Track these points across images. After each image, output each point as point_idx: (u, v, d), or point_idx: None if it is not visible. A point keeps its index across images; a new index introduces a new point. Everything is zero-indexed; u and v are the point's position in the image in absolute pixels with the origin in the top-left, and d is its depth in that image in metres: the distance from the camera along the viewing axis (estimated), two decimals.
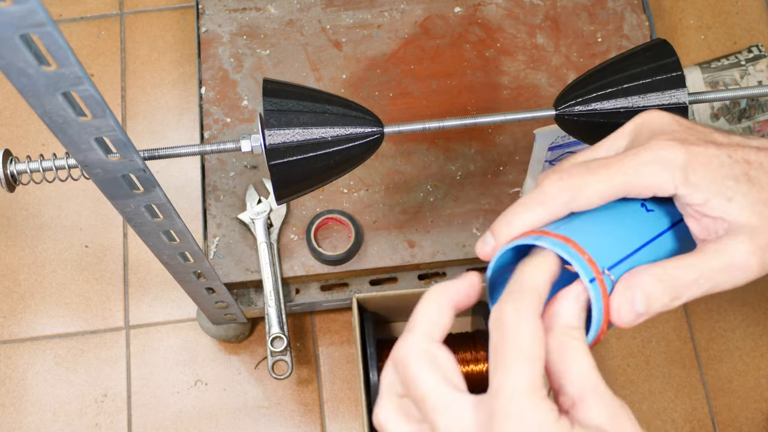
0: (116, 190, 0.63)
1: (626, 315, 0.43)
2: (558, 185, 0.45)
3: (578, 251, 0.43)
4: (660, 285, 0.43)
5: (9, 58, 0.44)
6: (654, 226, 0.48)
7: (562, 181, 0.45)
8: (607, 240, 0.45)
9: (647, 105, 0.67)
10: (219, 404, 1.10)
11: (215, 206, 1.02)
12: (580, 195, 0.45)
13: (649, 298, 0.43)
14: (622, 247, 0.45)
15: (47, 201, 1.19)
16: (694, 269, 0.44)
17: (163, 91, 1.25)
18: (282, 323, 0.97)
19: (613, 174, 0.45)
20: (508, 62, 1.08)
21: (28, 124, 1.23)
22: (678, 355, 1.12)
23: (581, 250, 0.43)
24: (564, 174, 0.46)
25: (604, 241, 0.45)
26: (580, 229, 0.45)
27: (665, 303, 0.44)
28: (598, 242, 0.44)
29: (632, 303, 0.43)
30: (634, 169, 0.45)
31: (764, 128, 1.15)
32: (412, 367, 0.41)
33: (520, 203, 0.46)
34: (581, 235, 0.44)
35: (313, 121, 0.67)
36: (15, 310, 1.14)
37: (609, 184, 0.45)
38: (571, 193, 0.45)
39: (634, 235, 0.46)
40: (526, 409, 0.38)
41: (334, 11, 1.10)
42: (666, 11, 1.30)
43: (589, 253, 0.43)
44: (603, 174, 0.45)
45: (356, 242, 0.99)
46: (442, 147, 1.04)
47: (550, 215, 0.45)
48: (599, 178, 0.45)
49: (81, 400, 1.10)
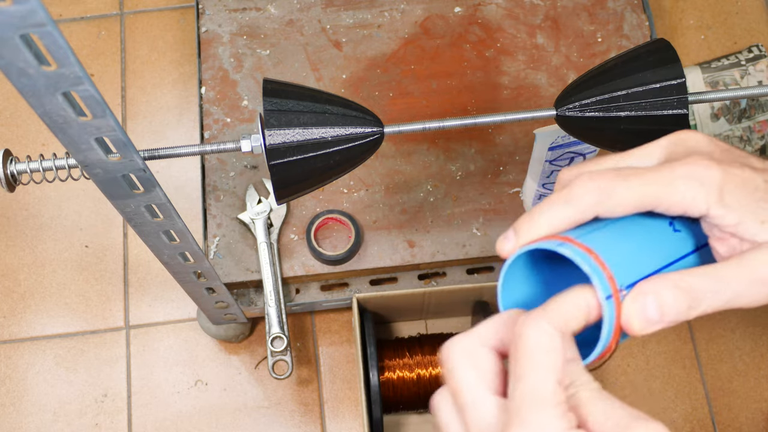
0: (116, 190, 0.63)
1: (637, 321, 0.42)
2: (587, 186, 0.44)
3: (599, 265, 0.42)
4: (676, 292, 0.42)
5: (9, 58, 0.44)
6: (679, 247, 0.46)
7: (592, 182, 0.44)
8: (629, 257, 0.44)
9: (647, 104, 0.67)
10: (219, 404, 1.10)
11: (215, 206, 1.02)
12: (609, 199, 0.44)
13: (663, 304, 0.41)
14: (643, 266, 0.44)
15: (47, 201, 1.19)
16: (713, 278, 0.43)
17: (163, 91, 1.25)
18: (282, 323, 0.97)
19: (646, 183, 0.44)
20: (508, 62, 1.08)
21: (28, 124, 1.23)
22: (678, 355, 1.12)
23: (602, 264, 0.42)
24: (595, 176, 0.44)
25: (626, 258, 0.43)
26: (604, 241, 0.43)
27: (680, 311, 0.42)
28: (620, 258, 0.43)
29: (644, 309, 0.41)
30: (669, 181, 0.44)
31: (764, 128, 1.15)
32: (453, 361, 0.42)
33: (547, 201, 0.45)
34: (604, 248, 0.43)
35: (313, 121, 0.67)
36: (15, 310, 1.14)
37: (641, 193, 0.44)
38: (600, 196, 0.44)
39: (658, 255, 0.45)
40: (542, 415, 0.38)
41: (334, 11, 1.10)
42: (666, 11, 1.30)
43: (609, 269, 0.42)
44: (635, 181, 0.44)
45: (356, 242, 0.99)
46: (442, 147, 1.04)
47: (576, 215, 0.44)
48: (631, 184, 0.44)
49: (81, 400, 1.10)
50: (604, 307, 0.41)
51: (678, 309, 0.42)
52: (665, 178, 0.44)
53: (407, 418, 1.07)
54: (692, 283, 0.42)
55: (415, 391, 1.00)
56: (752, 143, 1.15)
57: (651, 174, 0.44)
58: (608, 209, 0.44)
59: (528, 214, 0.45)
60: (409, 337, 1.05)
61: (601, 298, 0.41)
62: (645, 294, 0.42)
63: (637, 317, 0.41)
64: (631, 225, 0.45)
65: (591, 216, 0.44)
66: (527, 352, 0.39)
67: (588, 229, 0.44)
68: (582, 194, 0.44)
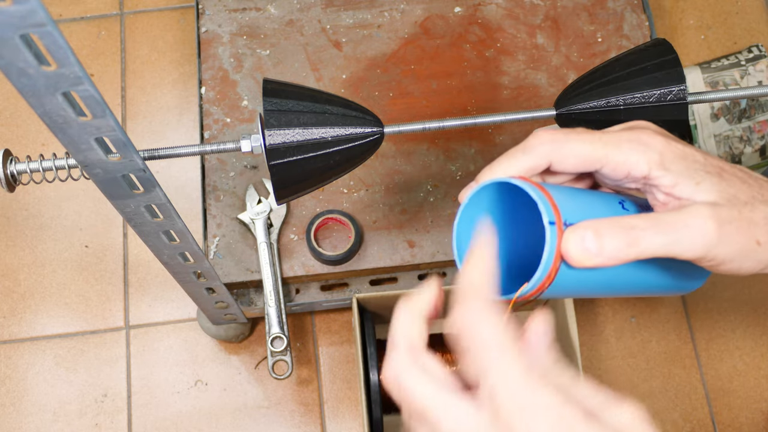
0: (116, 190, 0.63)
1: (575, 250, 0.44)
2: (542, 137, 0.48)
3: (546, 196, 0.45)
4: (615, 228, 0.45)
5: (9, 58, 0.44)
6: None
7: (547, 134, 0.49)
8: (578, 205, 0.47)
9: (647, 104, 0.67)
10: (219, 404, 1.10)
11: (215, 206, 1.02)
12: (561, 149, 0.48)
13: (602, 237, 0.44)
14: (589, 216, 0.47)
15: (47, 201, 1.19)
16: (652, 221, 0.46)
17: (163, 91, 1.25)
18: (282, 323, 0.97)
19: (596, 140, 0.48)
20: (508, 62, 1.08)
21: (28, 124, 1.23)
22: (678, 355, 1.12)
23: (549, 196, 0.45)
24: (551, 130, 0.49)
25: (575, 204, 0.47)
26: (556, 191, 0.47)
27: (619, 247, 0.44)
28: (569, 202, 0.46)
29: (583, 239, 0.44)
30: (616, 143, 0.48)
31: (764, 128, 1.15)
32: (405, 383, 0.41)
33: (505, 153, 0.49)
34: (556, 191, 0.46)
35: (313, 121, 0.67)
36: (15, 310, 1.14)
37: (589, 148, 0.48)
38: (552, 146, 0.48)
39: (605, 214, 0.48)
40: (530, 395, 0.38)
41: (334, 11, 1.10)
42: (666, 11, 1.30)
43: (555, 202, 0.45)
44: (586, 138, 0.48)
45: (356, 242, 0.99)
46: (442, 147, 1.04)
47: (530, 162, 0.48)
48: (582, 139, 0.48)
49: (81, 400, 1.10)
50: (547, 230, 0.44)
51: (616, 244, 0.44)
52: (613, 140, 0.48)
53: None
54: (631, 223, 0.45)
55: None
56: (752, 143, 1.15)
57: (601, 134, 0.49)
58: (559, 159, 0.48)
59: (489, 165, 0.49)
60: None
61: (545, 222, 0.44)
62: (585, 227, 0.45)
63: (576, 246, 0.44)
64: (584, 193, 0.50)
65: (545, 164, 0.48)
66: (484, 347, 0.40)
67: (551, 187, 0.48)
68: (537, 144, 0.48)
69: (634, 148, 0.48)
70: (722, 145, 1.15)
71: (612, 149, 0.48)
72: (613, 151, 0.48)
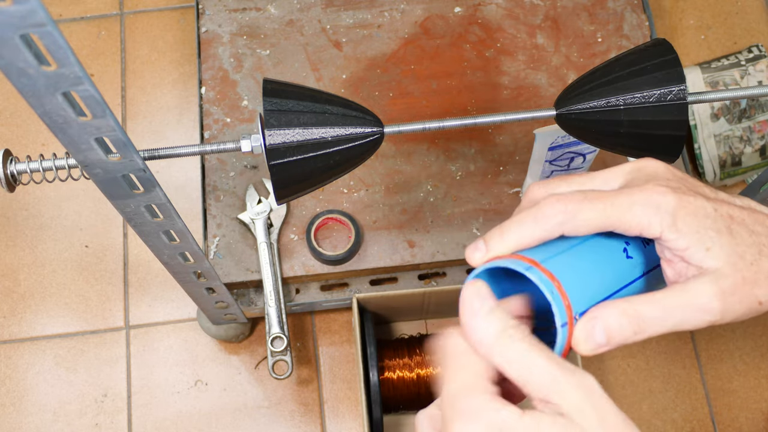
0: (116, 190, 0.63)
1: (585, 344, 0.46)
2: (556, 207, 0.48)
3: (561, 294, 0.46)
4: (623, 319, 0.46)
5: (9, 58, 0.44)
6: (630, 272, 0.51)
7: (560, 204, 0.48)
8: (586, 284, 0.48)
9: (647, 104, 0.67)
10: (219, 404, 1.10)
11: (215, 206, 1.02)
12: (574, 219, 0.48)
13: (611, 330, 0.46)
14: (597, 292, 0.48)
15: (47, 201, 1.19)
16: (658, 306, 0.47)
17: (163, 91, 1.25)
18: (282, 323, 0.97)
19: (608, 206, 0.48)
20: (508, 62, 1.08)
21: (28, 124, 1.23)
22: (678, 355, 1.12)
23: (563, 294, 0.46)
24: (562, 197, 0.48)
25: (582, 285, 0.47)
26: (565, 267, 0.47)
27: (627, 336, 0.46)
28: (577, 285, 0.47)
29: (593, 333, 0.46)
30: (628, 206, 0.48)
31: (764, 128, 1.15)
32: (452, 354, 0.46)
33: (516, 219, 0.49)
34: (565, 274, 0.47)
35: (313, 121, 0.67)
36: (15, 310, 1.14)
37: (603, 215, 0.48)
38: (566, 216, 0.48)
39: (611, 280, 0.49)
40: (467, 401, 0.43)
41: (334, 11, 1.10)
42: (666, 11, 1.30)
43: (568, 297, 0.46)
44: (598, 204, 0.48)
45: (356, 242, 0.99)
46: (442, 147, 1.04)
47: (543, 234, 0.48)
48: (594, 206, 0.48)
49: (81, 400, 1.10)
50: (559, 333, 0.45)
51: (624, 334, 0.46)
52: (625, 203, 0.48)
53: (407, 418, 1.07)
54: (638, 311, 0.47)
55: (415, 391, 1.00)
56: (752, 143, 1.15)
57: (612, 198, 0.49)
58: (573, 229, 0.48)
59: (498, 228, 0.49)
60: (409, 337, 1.05)
61: (557, 324, 0.45)
62: (594, 320, 0.46)
63: (585, 341, 0.46)
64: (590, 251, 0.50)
65: (557, 235, 0.49)
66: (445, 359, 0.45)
67: (552, 251, 0.48)
68: (550, 215, 0.48)
69: (647, 211, 0.48)
70: (722, 145, 1.15)
71: (624, 213, 0.48)
72: (626, 215, 0.48)
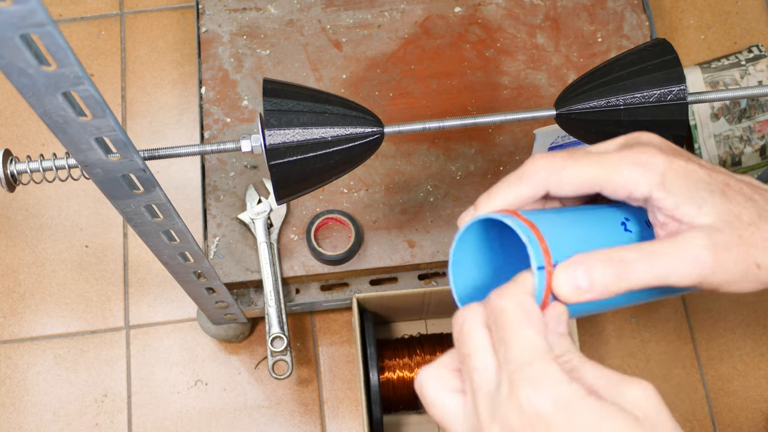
0: (116, 190, 0.63)
1: (567, 288, 0.44)
2: (538, 163, 0.47)
3: (537, 238, 0.44)
4: (606, 262, 0.44)
5: (9, 58, 0.44)
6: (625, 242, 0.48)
7: (543, 160, 0.47)
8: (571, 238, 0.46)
9: (647, 104, 0.67)
10: (219, 404, 1.10)
11: (215, 206, 1.02)
12: (558, 175, 0.47)
13: (593, 273, 0.44)
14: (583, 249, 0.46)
15: (47, 201, 1.19)
16: (645, 252, 0.45)
17: (163, 91, 1.25)
18: (282, 323, 0.97)
19: (593, 163, 0.47)
20: (508, 62, 1.08)
21: (28, 124, 1.23)
22: (678, 355, 1.12)
23: (540, 238, 0.44)
24: (548, 155, 0.48)
25: (568, 239, 0.46)
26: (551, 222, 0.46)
27: (609, 282, 0.44)
28: (561, 238, 0.45)
29: (574, 276, 0.44)
30: (615, 164, 0.46)
31: (764, 128, 1.15)
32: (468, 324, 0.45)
33: (503, 180, 0.48)
34: (549, 227, 0.45)
35: (313, 121, 0.67)
36: (15, 310, 1.14)
37: (587, 172, 0.46)
38: (548, 172, 0.47)
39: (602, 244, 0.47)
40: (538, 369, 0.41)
41: (334, 11, 1.10)
42: (666, 11, 1.30)
43: (547, 243, 0.44)
44: (584, 162, 0.47)
45: (356, 242, 0.99)
46: (442, 147, 1.04)
47: (527, 190, 0.47)
48: (579, 163, 0.47)
49: (81, 400, 1.10)
50: (535, 276, 0.44)
51: (607, 280, 0.44)
52: (612, 162, 0.47)
53: (407, 418, 1.07)
54: (623, 255, 0.44)
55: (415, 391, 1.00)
56: (752, 143, 1.15)
57: (599, 156, 0.47)
58: (557, 184, 0.47)
59: (487, 191, 0.49)
60: (409, 337, 1.05)
61: (533, 268, 0.43)
62: (576, 263, 0.44)
63: (567, 285, 0.44)
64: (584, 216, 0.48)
65: (542, 191, 0.47)
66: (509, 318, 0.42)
67: (543, 212, 0.47)
68: (533, 171, 0.47)
69: (634, 169, 0.46)
70: (722, 145, 1.15)
71: (611, 171, 0.46)
72: (612, 174, 0.46)
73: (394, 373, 1.00)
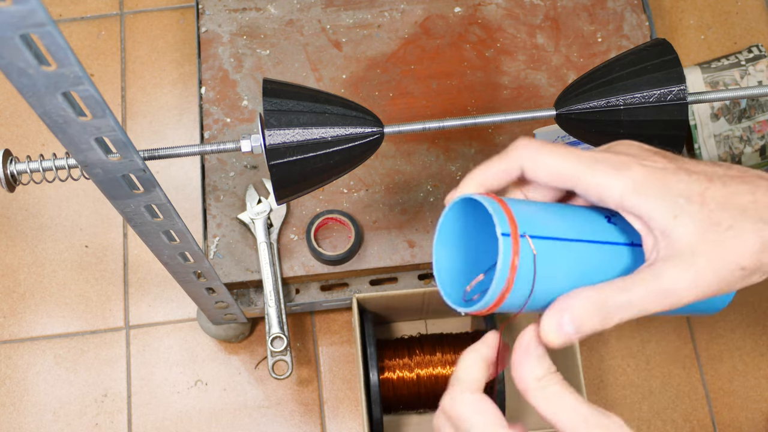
0: (116, 190, 0.63)
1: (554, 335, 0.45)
2: (519, 143, 0.48)
3: (504, 210, 0.44)
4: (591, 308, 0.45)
5: (9, 58, 0.44)
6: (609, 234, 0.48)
7: (524, 140, 0.48)
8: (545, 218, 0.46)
9: (647, 104, 0.67)
10: (219, 404, 1.10)
11: (215, 206, 1.02)
12: (534, 159, 0.47)
13: (579, 319, 0.45)
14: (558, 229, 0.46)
15: (47, 201, 1.19)
16: (624, 293, 0.45)
17: (163, 91, 1.25)
18: (282, 323, 0.97)
19: (570, 157, 0.47)
20: (508, 62, 1.08)
21: (28, 124, 1.23)
22: (678, 355, 1.12)
23: (507, 210, 0.44)
24: (531, 139, 0.48)
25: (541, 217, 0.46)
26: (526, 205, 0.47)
27: (594, 326, 0.45)
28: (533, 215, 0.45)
29: (561, 324, 0.45)
30: (590, 164, 0.46)
31: (764, 128, 1.15)
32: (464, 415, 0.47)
33: (486, 161, 0.49)
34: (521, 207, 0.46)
35: (313, 121, 0.67)
36: (15, 310, 1.14)
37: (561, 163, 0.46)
38: (526, 152, 0.47)
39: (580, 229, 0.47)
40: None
41: (334, 11, 1.10)
42: (666, 11, 1.30)
43: (514, 214, 0.44)
44: (561, 152, 0.47)
45: (356, 242, 0.99)
46: (442, 147, 1.04)
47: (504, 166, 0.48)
48: (556, 153, 0.47)
49: (81, 400, 1.10)
50: (501, 243, 0.43)
51: (592, 324, 0.45)
52: (588, 161, 0.46)
53: (407, 418, 1.07)
54: (606, 299, 0.45)
55: (415, 391, 1.00)
56: (752, 143, 1.15)
57: (578, 152, 0.47)
58: (532, 169, 0.47)
59: (470, 172, 0.50)
60: (409, 337, 1.05)
61: (498, 233, 0.43)
62: (562, 311, 0.45)
63: (554, 331, 0.45)
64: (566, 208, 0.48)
65: (516, 167, 0.48)
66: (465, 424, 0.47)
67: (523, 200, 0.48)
68: (512, 148, 0.48)
69: (608, 171, 0.45)
70: (722, 145, 1.15)
71: (584, 169, 0.46)
72: (586, 172, 0.45)
73: (393, 373, 1.00)
